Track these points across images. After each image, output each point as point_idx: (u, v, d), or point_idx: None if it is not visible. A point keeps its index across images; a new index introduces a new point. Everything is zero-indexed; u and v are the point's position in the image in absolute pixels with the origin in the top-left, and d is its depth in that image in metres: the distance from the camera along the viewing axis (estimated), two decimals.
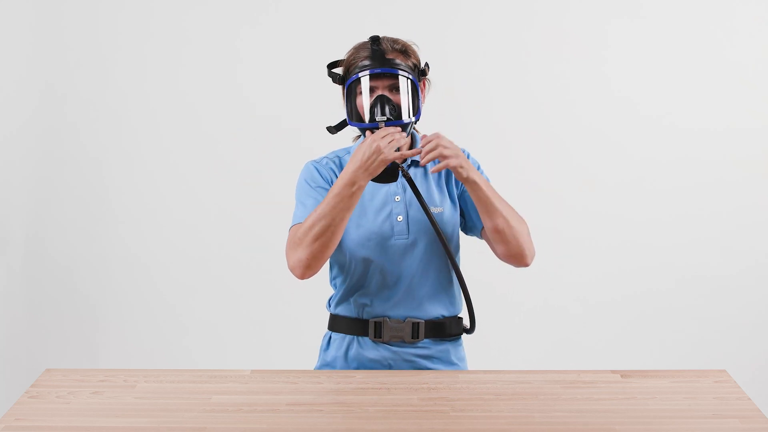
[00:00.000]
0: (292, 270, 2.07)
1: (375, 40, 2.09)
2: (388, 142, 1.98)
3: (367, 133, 2.06)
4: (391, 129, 2.00)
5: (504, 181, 2.39)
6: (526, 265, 2.14)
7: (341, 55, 2.18)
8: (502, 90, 3.72)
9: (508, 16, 3.69)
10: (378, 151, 1.97)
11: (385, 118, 2.02)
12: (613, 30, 3.69)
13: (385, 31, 2.23)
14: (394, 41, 2.11)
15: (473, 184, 2.03)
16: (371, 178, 2.00)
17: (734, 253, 3.75)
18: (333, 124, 2.18)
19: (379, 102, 2.04)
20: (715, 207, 3.73)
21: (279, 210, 3.76)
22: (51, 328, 3.80)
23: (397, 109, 2.05)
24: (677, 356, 3.74)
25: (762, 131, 3.71)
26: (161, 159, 3.74)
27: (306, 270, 2.04)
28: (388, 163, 1.98)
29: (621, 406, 1.87)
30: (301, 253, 2.03)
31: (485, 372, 2.07)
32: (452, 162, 1.99)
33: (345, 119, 2.16)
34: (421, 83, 2.15)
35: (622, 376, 2.03)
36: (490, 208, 2.05)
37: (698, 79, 3.69)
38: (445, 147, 2.00)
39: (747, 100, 3.69)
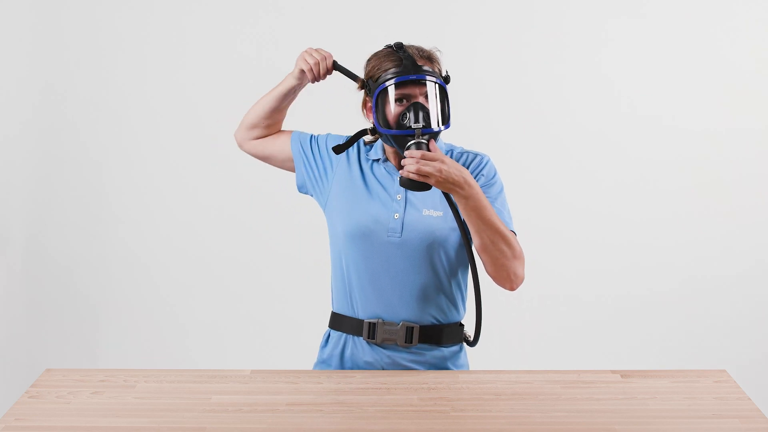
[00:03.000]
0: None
1: (400, 47, 2.08)
2: (314, 61, 2.16)
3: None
4: (326, 53, 2.17)
5: (504, 181, 2.39)
6: (511, 289, 2.13)
7: (342, 54, 2.18)
8: (502, 90, 3.72)
9: (507, 16, 3.69)
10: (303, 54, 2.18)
11: (421, 125, 2.01)
12: (612, 30, 3.69)
13: (385, 31, 2.23)
14: (420, 49, 2.11)
15: (460, 200, 1.99)
16: (295, 81, 2.23)
17: (734, 253, 3.75)
18: (340, 144, 2.17)
19: (414, 109, 2.03)
20: (715, 207, 3.73)
21: (279, 210, 3.78)
22: (51, 328, 3.80)
23: (428, 117, 2.03)
24: (677, 356, 3.74)
25: (762, 131, 3.71)
26: (161, 159, 3.75)
27: (238, 130, 2.41)
28: (297, 76, 2.22)
29: (621, 406, 1.87)
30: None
31: (485, 372, 2.07)
32: (431, 181, 1.95)
33: (362, 130, 2.15)
34: None
35: (622, 376, 2.03)
36: (475, 228, 2.02)
37: (698, 79, 3.69)
38: (431, 169, 1.94)
39: (747, 100, 3.70)
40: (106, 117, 3.72)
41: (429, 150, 1.98)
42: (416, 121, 2.02)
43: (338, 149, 2.17)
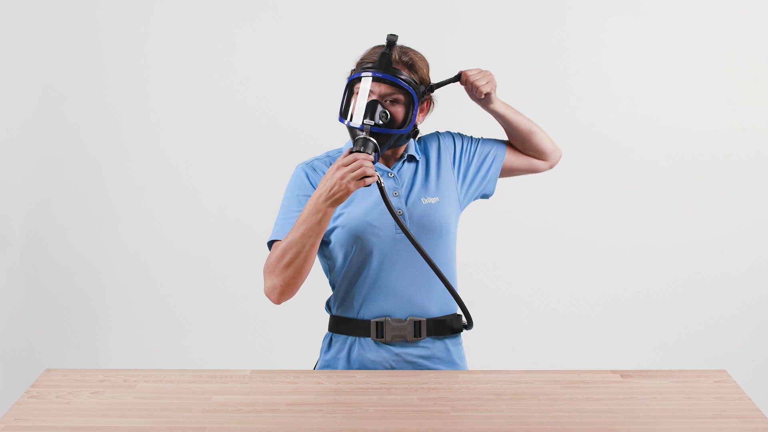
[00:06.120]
0: (267, 295, 2.08)
1: (390, 43, 2.07)
2: (353, 170, 1.95)
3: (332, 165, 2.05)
4: (361, 155, 1.97)
5: (504, 181, 2.39)
6: (560, 155, 2.41)
7: (340, 54, 2.18)
8: (501, 90, 3.70)
9: (507, 16, 3.69)
10: (340, 182, 1.95)
11: (371, 123, 2.02)
12: (612, 29, 3.69)
13: (385, 31, 2.22)
14: (404, 52, 2.11)
15: (497, 115, 2.25)
16: (337, 205, 1.99)
17: (734, 253, 3.75)
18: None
19: (371, 107, 2.03)
20: (716, 207, 3.73)
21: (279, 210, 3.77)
22: (51, 328, 3.80)
23: (387, 117, 2.05)
24: (677, 356, 3.74)
25: (762, 131, 3.71)
26: (161, 159, 3.75)
27: (280, 296, 2.07)
28: (351, 194, 1.98)
29: (621, 406, 1.87)
30: (275, 281, 2.05)
31: (485, 372, 2.07)
32: (485, 89, 2.17)
33: None
34: (423, 102, 2.14)
35: (622, 376, 2.03)
36: (523, 118, 2.28)
37: (698, 79, 3.69)
38: (477, 78, 2.17)
39: (747, 100, 3.69)
40: (106, 117, 3.72)
41: (376, 150, 2.00)
42: (371, 117, 2.02)
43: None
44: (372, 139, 2.01)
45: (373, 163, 1.99)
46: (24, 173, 3.73)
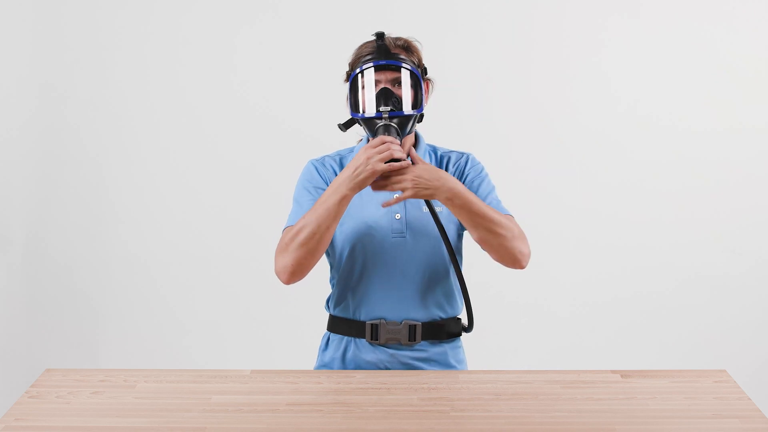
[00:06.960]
0: (278, 274, 2.08)
1: (380, 36, 2.10)
2: (380, 152, 1.96)
3: (358, 148, 2.04)
4: (389, 138, 1.98)
5: (504, 181, 2.39)
6: (521, 267, 2.11)
7: (341, 54, 2.18)
8: (502, 90, 3.72)
9: (507, 16, 3.69)
10: (366, 162, 1.96)
11: (389, 109, 2.03)
12: (612, 30, 3.69)
13: (386, 30, 2.23)
14: (397, 38, 2.14)
15: (446, 202, 2.00)
16: (360, 189, 1.99)
17: (734, 253, 3.75)
18: (342, 122, 2.17)
19: (383, 94, 2.05)
20: (716, 207, 3.73)
21: (279, 209, 3.76)
22: (51, 328, 3.80)
23: (400, 102, 2.06)
24: (677, 356, 3.74)
25: (762, 131, 3.71)
26: (161, 159, 3.75)
27: (291, 276, 2.06)
28: (377, 175, 1.97)
29: (621, 406, 1.87)
30: (287, 259, 2.04)
31: (485, 372, 2.07)
32: (408, 194, 1.97)
33: (351, 118, 2.17)
34: (424, 83, 2.15)
35: (622, 376, 2.03)
36: (469, 222, 2.03)
37: (698, 79, 3.69)
38: (405, 179, 1.97)
39: (747, 100, 3.69)
40: (106, 117, 3.72)
41: (398, 135, 2.01)
42: (385, 104, 2.03)
43: (342, 128, 2.14)
44: (393, 124, 2.02)
45: None
46: (24, 173, 3.73)
